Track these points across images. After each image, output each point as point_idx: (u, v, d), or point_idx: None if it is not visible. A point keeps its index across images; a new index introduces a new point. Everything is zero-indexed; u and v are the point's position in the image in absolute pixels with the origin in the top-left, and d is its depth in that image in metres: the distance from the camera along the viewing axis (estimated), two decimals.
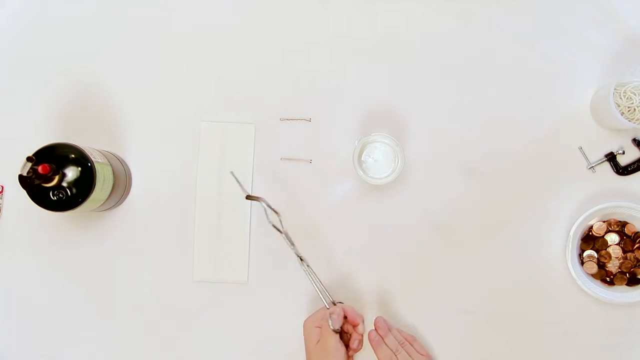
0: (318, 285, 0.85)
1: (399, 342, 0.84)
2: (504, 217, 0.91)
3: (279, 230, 0.85)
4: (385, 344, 0.83)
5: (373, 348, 0.84)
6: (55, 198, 0.78)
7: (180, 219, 0.92)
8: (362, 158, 0.88)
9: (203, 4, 0.94)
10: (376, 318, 0.85)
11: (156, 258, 0.92)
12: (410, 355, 0.83)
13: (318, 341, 0.83)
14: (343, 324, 0.84)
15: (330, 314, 0.83)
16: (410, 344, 0.85)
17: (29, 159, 0.75)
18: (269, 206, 0.84)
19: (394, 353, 0.82)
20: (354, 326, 0.86)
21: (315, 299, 0.89)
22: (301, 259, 0.85)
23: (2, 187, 0.92)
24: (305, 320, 0.85)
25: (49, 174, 0.76)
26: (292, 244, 0.86)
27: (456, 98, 0.93)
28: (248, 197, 0.83)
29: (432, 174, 0.92)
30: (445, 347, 0.90)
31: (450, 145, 0.92)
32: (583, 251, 0.90)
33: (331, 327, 0.82)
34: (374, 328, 0.85)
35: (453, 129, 0.92)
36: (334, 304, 0.87)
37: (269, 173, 0.92)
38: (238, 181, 0.88)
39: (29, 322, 0.91)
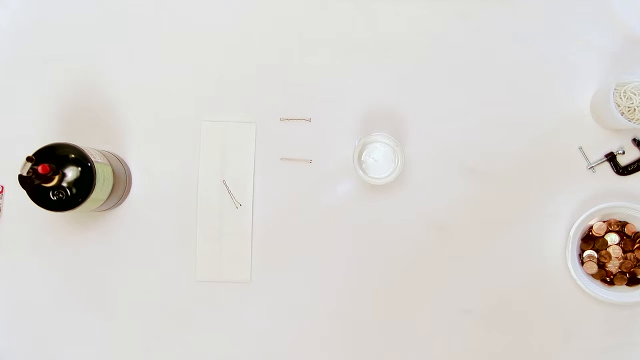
0: None
1: None
2: (504, 217, 0.91)
3: None
4: None
5: None
6: (55, 198, 0.78)
7: (182, 219, 0.92)
8: (362, 158, 0.88)
9: (203, 3, 0.94)
10: None
11: (158, 258, 0.92)
12: None
13: None
14: None
15: None
16: None
17: (28, 158, 0.75)
18: None
19: None
20: None
21: (317, 296, 0.89)
22: None
23: (2, 187, 0.92)
24: None
25: (49, 174, 0.76)
26: None
27: (456, 98, 0.93)
28: None
29: (432, 174, 0.92)
30: (445, 347, 0.90)
31: (450, 145, 0.92)
32: (583, 251, 0.90)
33: None
34: None
35: (453, 129, 0.92)
36: None
37: (269, 173, 0.92)
38: (230, 192, 0.88)
39: (29, 322, 0.91)
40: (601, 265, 0.90)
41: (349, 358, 0.91)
